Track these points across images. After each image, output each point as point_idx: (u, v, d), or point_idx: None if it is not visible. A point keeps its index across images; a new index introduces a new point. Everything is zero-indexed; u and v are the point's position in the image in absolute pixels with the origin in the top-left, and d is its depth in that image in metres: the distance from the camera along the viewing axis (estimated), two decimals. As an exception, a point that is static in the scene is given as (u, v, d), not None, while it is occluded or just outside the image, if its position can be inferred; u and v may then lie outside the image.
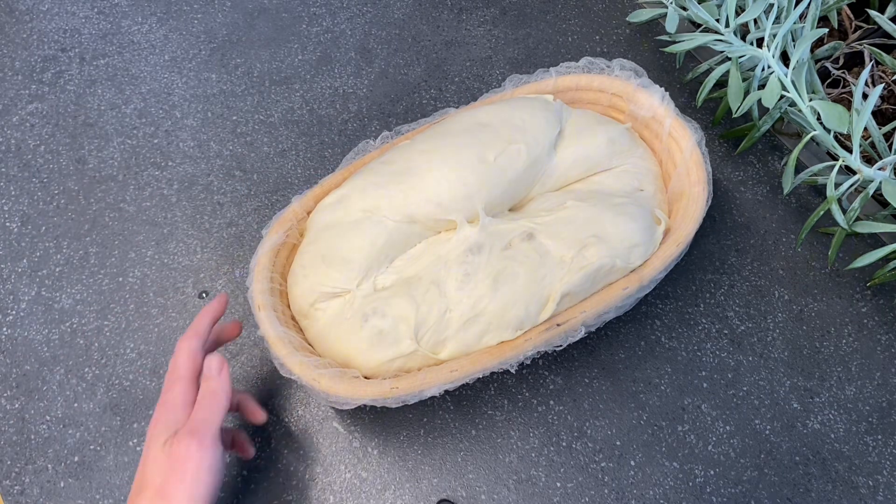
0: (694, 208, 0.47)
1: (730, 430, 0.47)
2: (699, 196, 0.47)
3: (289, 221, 0.46)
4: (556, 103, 0.50)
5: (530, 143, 0.47)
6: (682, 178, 0.49)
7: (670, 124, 0.50)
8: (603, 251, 0.43)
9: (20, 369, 0.49)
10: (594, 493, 0.45)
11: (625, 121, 0.53)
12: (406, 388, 0.40)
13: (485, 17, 0.66)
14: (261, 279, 0.44)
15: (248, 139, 0.59)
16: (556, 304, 0.42)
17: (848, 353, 0.49)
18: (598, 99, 0.54)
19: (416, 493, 0.45)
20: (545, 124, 0.48)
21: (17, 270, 0.53)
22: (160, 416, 0.38)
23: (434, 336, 0.42)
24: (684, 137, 0.49)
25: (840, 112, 0.44)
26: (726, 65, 0.53)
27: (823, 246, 0.53)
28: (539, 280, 0.42)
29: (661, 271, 0.45)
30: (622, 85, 0.52)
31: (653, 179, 0.50)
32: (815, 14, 0.48)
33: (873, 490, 0.45)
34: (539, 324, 0.43)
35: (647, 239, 0.45)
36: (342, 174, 0.48)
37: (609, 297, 0.44)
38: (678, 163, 0.49)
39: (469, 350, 0.43)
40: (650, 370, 0.49)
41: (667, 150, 0.51)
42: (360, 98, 0.61)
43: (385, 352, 0.42)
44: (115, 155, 0.59)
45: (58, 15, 0.67)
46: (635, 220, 0.45)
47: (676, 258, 0.46)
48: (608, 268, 0.44)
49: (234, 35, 0.65)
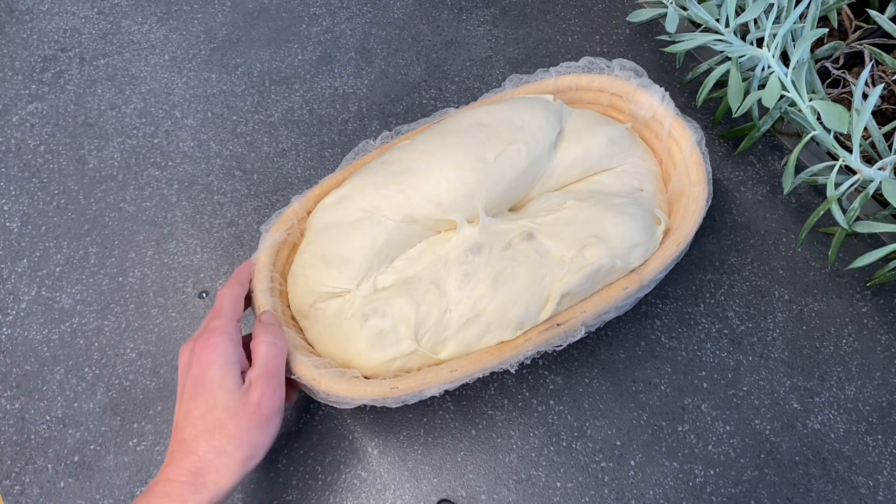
0: (694, 208, 0.47)
1: (730, 430, 0.47)
2: (699, 196, 0.47)
3: (289, 221, 0.46)
4: (556, 103, 0.50)
5: (530, 143, 0.47)
6: (682, 178, 0.49)
7: (670, 124, 0.50)
8: (603, 251, 0.43)
9: (20, 369, 0.49)
10: (594, 493, 0.45)
11: (625, 121, 0.53)
12: (406, 388, 0.40)
13: (485, 17, 0.66)
14: (261, 278, 0.44)
15: (248, 139, 0.59)
16: (556, 304, 0.42)
17: (848, 353, 0.49)
18: (598, 99, 0.54)
19: (416, 493, 0.45)
20: (545, 124, 0.48)
21: (17, 270, 0.53)
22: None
23: (434, 336, 0.42)
24: (684, 137, 0.49)
25: (840, 112, 0.44)
26: (726, 65, 0.53)
27: (823, 246, 0.53)
28: (539, 280, 0.42)
29: (661, 271, 0.45)
30: (622, 85, 0.52)
31: (653, 179, 0.50)
32: (815, 14, 0.48)
33: (873, 490, 0.45)
34: (539, 324, 0.43)
35: (647, 239, 0.45)
36: (342, 174, 0.48)
37: (609, 297, 0.44)
38: (678, 163, 0.49)
39: (469, 350, 0.43)
40: (650, 370, 0.49)
41: (667, 149, 0.51)
42: (360, 98, 0.61)
43: (385, 352, 0.42)
44: (115, 155, 0.59)
45: (58, 15, 0.67)
46: (635, 219, 0.45)
47: (676, 258, 0.46)
48: (608, 268, 0.44)
49: (234, 35, 0.65)
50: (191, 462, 0.35)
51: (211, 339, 0.38)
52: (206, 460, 0.35)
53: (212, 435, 0.36)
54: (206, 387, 0.37)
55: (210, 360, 0.37)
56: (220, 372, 0.37)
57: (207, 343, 0.38)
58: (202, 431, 0.36)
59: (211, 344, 0.38)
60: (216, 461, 0.35)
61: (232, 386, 0.37)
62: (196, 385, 0.37)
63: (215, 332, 0.38)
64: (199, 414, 0.36)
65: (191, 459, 0.35)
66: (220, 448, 0.36)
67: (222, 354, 0.37)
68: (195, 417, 0.36)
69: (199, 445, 0.36)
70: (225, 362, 0.37)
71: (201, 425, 0.36)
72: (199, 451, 0.35)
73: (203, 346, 0.38)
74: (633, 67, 0.52)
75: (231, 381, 0.37)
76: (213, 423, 0.36)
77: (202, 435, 0.36)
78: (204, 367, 0.37)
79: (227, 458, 0.36)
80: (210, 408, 0.36)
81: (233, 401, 0.36)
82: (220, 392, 0.36)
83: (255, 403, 0.37)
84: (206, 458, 0.35)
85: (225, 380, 0.37)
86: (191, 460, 0.35)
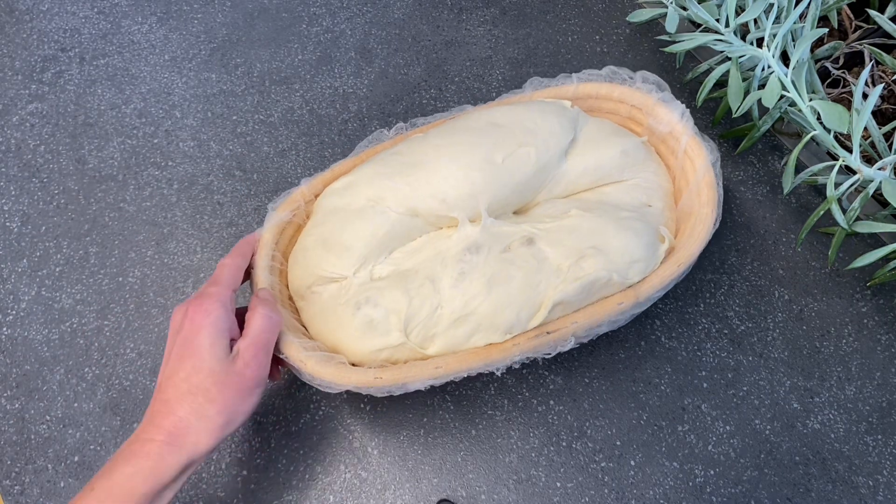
0: (700, 229, 0.46)
1: (730, 430, 0.47)
2: (707, 218, 0.46)
3: (296, 202, 0.47)
4: (573, 110, 0.50)
5: (540, 147, 0.47)
6: (693, 198, 0.48)
7: (686, 142, 0.49)
8: (601, 263, 0.43)
9: (20, 369, 0.49)
10: (594, 493, 0.45)
11: (642, 134, 0.52)
12: (389, 380, 0.41)
13: (485, 17, 0.66)
14: (263, 255, 0.45)
15: (248, 139, 0.59)
16: (549, 312, 0.42)
17: (848, 352, 0.49)
18: (618, 109, 0.53)
19: (416, 493, 0.45)
20: (559, 130, 0.48)
21: (17, 270, 0.53)
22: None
23: (423, 331, 0.42)
24: (699, 157, 0.48)
25: (840, 112, 0.44)
26: (726, 65, 0.53)
27: (823, 246, 0.53)
28: (534, 286, 0.42)
29: (660, 290, 0.44)
30: (643, 97, 0.51)
31: (663, 196, 0.49)
32: (814, 14, 0.48)
33: (873, 490, 0.45)
34: (529, 330, 0.43)
35: (648, 256, 0.44)
36: (353, 161, 0.49)
37: (603, 311, 0.43)
38: (691, 182, 0.48)
39: (457, 348, 0.43)
40: (650, 370, 0.49)
41: (681, 167, 0.50)
42: (360, 98, 0.61)
43: (374, 341, 0.42)
44: (115, 155, 0.59)
45: (58, 15, 0.67)
46: (638, 235, 0.44)
47: (677, 278, 0.45)
48: (604, 281, 0.43)
49: (234, 35, 0.65)
50: (171, 422, 0.36)
51: (205, 304, 0.38)
52: (186, 422, 0.36)
53: (195, 397, 0.36)
54: (195, 350, 0.37)
55: (202, 325, 0.37)
56: (209, 338, 0.37)
57: (201, 307, 0.38)
58: (185, 393, 0.36)
59: (204, 309, 0.38)
60: (196, 423, 0.36)
61: (220, 353, 0.37)
62: (185, 347, 0.37)
63: (210, 298, 0.38)
64: (184, 376, 0.36)
65: (171, 420, 0.36)
66: (201, 411, 0.36)
67: (214, 321, 0.38)
68: (180, 379, 0.36)
69: (181, 406, 0.36)
70: (216, 329, 0.38)
71: (185, 387, 0.36)
72: (180, 411, 0.36)
73: (196, 310, 0.38)
74: (655, 81, 0.51)
75: (219, 349, 0.37)
76: (197, 386, 0.36)
77: (185, 397, 0.36)
78: (195, 331, 0.37)
79: (208, 421, 0.36)
80: (196, 371, 0.37)
81: (219, 367, 0.37)
82: (208, 357, 0.37)
83: (240, 372, 0.37)
84: (187, 419, 0.36)
85: (214, 346, 0.37)
86: (171, 420, 0.36)
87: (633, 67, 0.61)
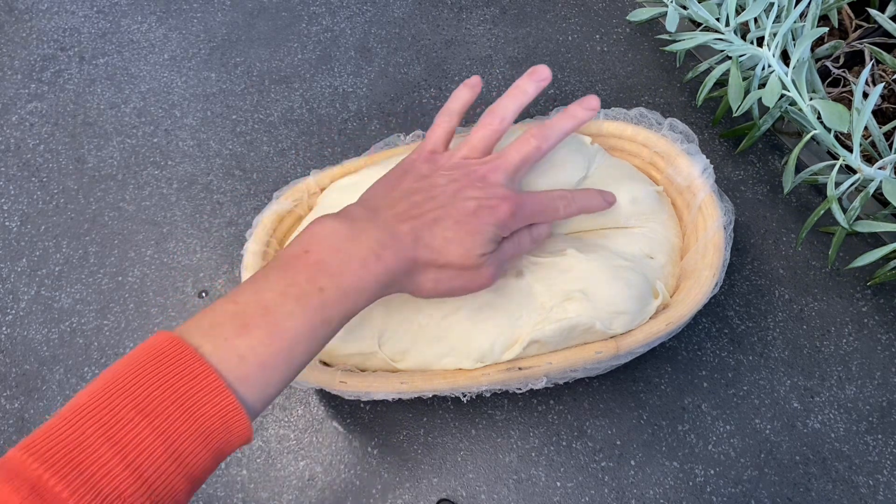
0: (696, 292, 0.43)
1: (730, 429, 0.47)
2: (706, 282, 0.44)
3: (301, 192, 0.47)
4: (593, 147, 0.48)
5: (549, 179, 0.45)
6: (698, 258, 0.45)
7: (703, 199, 0.46)
8: (584, 309, 0.41)
9: (20, 369, 0.49)
10: (594, 493, 0.45)
11: (661, 182, 0.50)
12: (353, 386, 0.41)
13: (485, 16, 0.66)
14: (258, 240, 0.44)
15: (247, 138, 0.59)
16: (523, 349, 0.41)
17: (848, 352, 0.49)
18: (640, 152, 0.50)
19: (416, 493, 0.45)
20: (570, 167, 0.46)
21: (17, 270, 0.53)
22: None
23: (397, 344, 0.42)
24: (712, 217, 0.45)
25: (840, 111, 0.43)
26: (726, 64, 0.53)
27: (824, 245, 0.53)
28: (514, 319, 0.41)
29: (643, 346, 0.42)
30: (667, 145, 0.48)
31: (668, 250, 0.47)
32: (815, 13, 0.48)
33: (873, 490, 0.45)
34: (501, 362, 0.42)
35: (636, 309, 0.42)
36: (364, 160, 0.49)
37: (579, 357, 0.42)
38: (700, 240, 0.46)
39: (427, 367, 0.42)
40: (650, 370, 0.49)
41: (693, 223, 0.47)
42: (359, 97, 0.61)
43: (347, 345, 0.42)
44: (115, 154, 0.59)
45: (57, 14, 0.66)
46: (629, 287, 0.42)
47: (663, 337, 0.43)
48: (585, 327, 0.41)
49: (234, 34, 0.65)
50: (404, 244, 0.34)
51: (506, 198, 0.36)
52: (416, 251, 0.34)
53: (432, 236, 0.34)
54: (476, 230, 0.35)
55: (489, 222, 0.35)
56: (491, 234, 0.35)
57: (502, 197, 0.35)
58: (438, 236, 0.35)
59: (505, 199, 0.35)
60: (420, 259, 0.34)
61: (475, 244, 0.35)
62: (465, 224, 0.35)
63: (509, 195, 0.36)
64: (450, 236, 0.34)
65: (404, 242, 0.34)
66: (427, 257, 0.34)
67: (501, 223, 0.35)
68: (438, 224, 0.35)
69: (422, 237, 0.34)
70: (496, 231, 0.35)
71: (442, 237, 0.35)
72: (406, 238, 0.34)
73: (498, 198, 0.35)
74: (684, 130, 0.49)
75: (482, 240, 0.35)
76: (447, 256, 0.35)
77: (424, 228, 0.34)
78: (487, 220, 0.35)
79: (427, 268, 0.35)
80: (461, 248, 0.35)
81: (472, 262, 0.35)
82: (479, 247, 0.35)
83: (482, 272, 0.36)
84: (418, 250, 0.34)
85: (488, 244, 0.35)
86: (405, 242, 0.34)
87: (633, 67, 0.62)
